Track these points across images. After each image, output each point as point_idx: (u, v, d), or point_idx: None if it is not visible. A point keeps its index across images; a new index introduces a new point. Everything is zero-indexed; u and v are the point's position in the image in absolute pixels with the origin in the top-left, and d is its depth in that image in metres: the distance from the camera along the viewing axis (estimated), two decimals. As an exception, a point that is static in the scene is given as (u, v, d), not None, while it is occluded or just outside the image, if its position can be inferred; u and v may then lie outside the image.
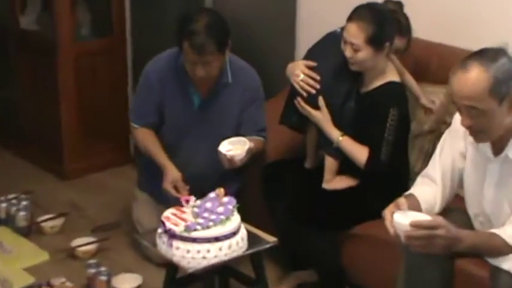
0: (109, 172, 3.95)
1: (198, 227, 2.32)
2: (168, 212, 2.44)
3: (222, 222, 2.35)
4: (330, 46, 2.73)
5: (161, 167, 2.75)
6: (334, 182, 2.78)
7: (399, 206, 2.09)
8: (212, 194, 2.47)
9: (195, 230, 2.31)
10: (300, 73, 2.73)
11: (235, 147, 2.63)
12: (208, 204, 2.43)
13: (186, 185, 2.66)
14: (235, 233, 2.37)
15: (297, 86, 2.74)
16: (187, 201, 2.42)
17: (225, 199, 2.45)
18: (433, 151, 2.38)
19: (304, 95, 2.72)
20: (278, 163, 2.97)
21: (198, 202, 2.46)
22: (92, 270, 2.81)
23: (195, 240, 2.30)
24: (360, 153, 2.65)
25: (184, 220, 2.37)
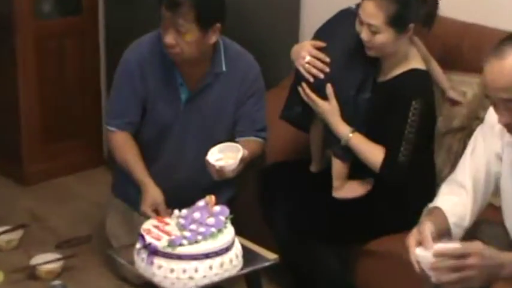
0: (78, 176, 3.95)
1: (184, 242, 2.32)
2: (149, 224, 2.44)
3: (213, 235, 2.35)
4: (343, 26, 2.73)
5: (139, 185, 2.74)
6: (344, 190, 2.78)
7: (423, 240, 2.00)
8: (201, 203, 2.47)
9: (181, 245, 2.31)
10: (307, 54, 2.73)
11: (225, 155, 2.61)
12: (196, 214, 2.43)
13: (168, 209, 2.62)
14: (228, 249, 2.36)
15: (302, 70, 2.74)
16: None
17: (217, 208, 2.45)
18: (464, 152, 2.38)
19: (310, 80, 2.73)
20: (279, 166, 2.98)
21: (185, 212, 2.46)
22: (57, 293, 2.81)
23: (181, 257, 2.30)
24: (374, 153, 2.65)
25: (167, 233, 2.36)
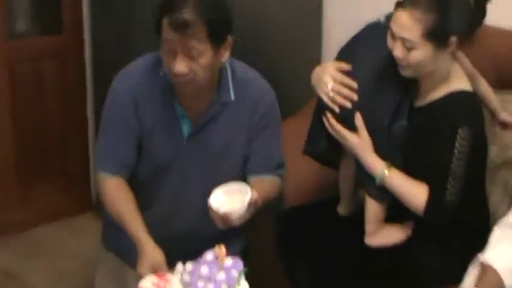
0: (60, 224, 3.96)
1: (190, 303, 2.32)
2: (148, 281, 2.43)
3: (224, 294, 2.34)
4: (371, 42, 2.73)
5: (135, 242, 2.71)
6: (379, 236, 2.78)
7: None
8: (209, 255, 2.46)
9: (186, 307, 2.31)
10: (330, 80, 2.74)
11: (232, 197, 2.59)
12: (204, 269, 2.42)
13: (170, 272, 2.60)
14: (242, 310, 2.36)
15: (326, 98, 2.74)
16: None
17: (228, 261, 2.44)
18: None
19: (336, 110, 2.74)
20: (300, 209, 2.98)
21: (190, 267, 2.46)
22: None
23: (186, 321, 2.30)
24: (416, 193, 2.64)
25: (169, 292, 2.36)
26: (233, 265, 2.44)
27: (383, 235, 2.77)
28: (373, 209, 2.77)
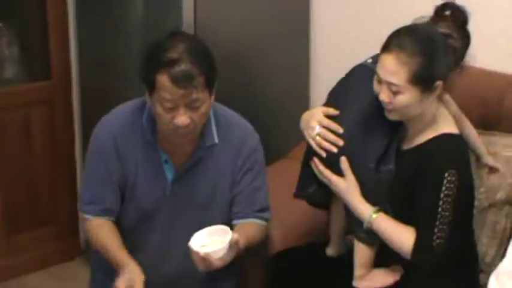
0: (49, 272, 3.93)
1: None
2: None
3: None
4: (358, 85, 2.74)
5: (118, 266, 2.68)
6: (368, 279, 2.76)
7: None
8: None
9: None
10: (316, 125, 2.75)
11: (212, 239, 2.58)
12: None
13: None
14: None
15: (313, 143, 2.76)
16: None
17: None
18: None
19: (322, 155, 2.75)
20: (289, 252, 2.97)
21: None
22: None
23: None
24: (404, 237, 2.62)
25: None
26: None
27: (372, 279, 2.76)
28: (362, 254, 2.76)
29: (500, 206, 2.90)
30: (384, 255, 2.74)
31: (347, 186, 2.71)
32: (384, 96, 2.58)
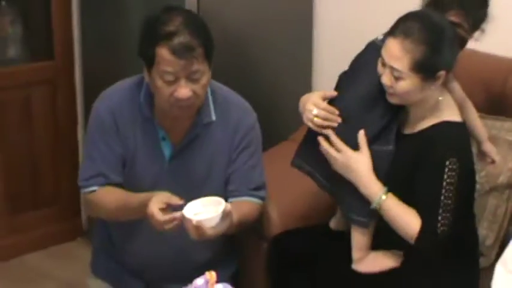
0: (50, 252, 3.95)
1: (180, 329, 2.33)
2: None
3: (214, 320, 2.35)
4: (366, 64, 2.72)
5: (144, 202, 2.62)
6: (367, 262, 2.76)
7: None
8: (200, 281, 2.46)
9: (175, 333, 2.32)
10: (313, 107, 2.76)
11: (206, 209, 2.57)
12: (193, 295, 2.43)
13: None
14: (232, 337, 2.36)
15: (311, 125, 2.75)
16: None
17: (218, 287, 2.45)
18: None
19: (325, 132, 2.71)
20: (291, 234, 2.97)
21: (180, 292, 2.46)
22: None
23: None
24: (410, 222, 2.60)
25: (159, 318, 2.37)
26: (223, 291, 2.44)
27: (371, 262, 2.75)
28: (358, 238, 2.76)
29: (501, 190, 2.92)
30: (383, 240, 2.74)
31: (362, 157, 2.69)
32: (386, 79, 2.58)
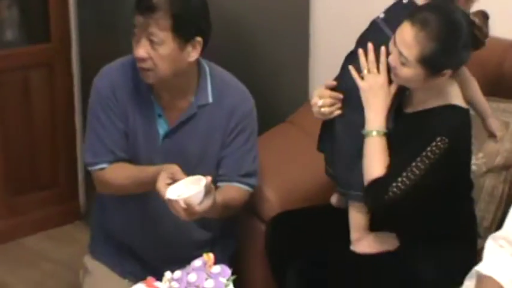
0: (48, 235, 3.96)
1: (178, 310, 2.33)
2: (136, 290, 2.45)
3: (213, 301, 2.36)
4: (365, 41, 2.73)
5: (155, 175, 2.63)
6: (365, 244, 2.78)
7: None
8: (197, 262, 2.47)
9: (174, 314, 2.31)
10: (318, 100, 2.77)
11: (188, 189, 2.57)
12: (192, 276, 2.41)
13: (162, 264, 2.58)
14: (231, 318, 2.36)
15: (321, 117, 2.77)
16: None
17: (216, 269, 2.44)
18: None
19: (337, 114, 2.75)
20: (289, 215, 2.98)
21: (178, 273, 2.46)
22: None
23: (174, 328, 2.31)
24: (376, 167, 2.62)
25: (158, 300, 2.38)
26: (221, 272, 2.44)
27: (369, 244, 2.77)
28: (355, 217, 2.77)
29: (498, 171, 2.93)
30: (381, 222, 2.76)
31: (383, 81, 2.67)
32: (393, 60, 2.59)
